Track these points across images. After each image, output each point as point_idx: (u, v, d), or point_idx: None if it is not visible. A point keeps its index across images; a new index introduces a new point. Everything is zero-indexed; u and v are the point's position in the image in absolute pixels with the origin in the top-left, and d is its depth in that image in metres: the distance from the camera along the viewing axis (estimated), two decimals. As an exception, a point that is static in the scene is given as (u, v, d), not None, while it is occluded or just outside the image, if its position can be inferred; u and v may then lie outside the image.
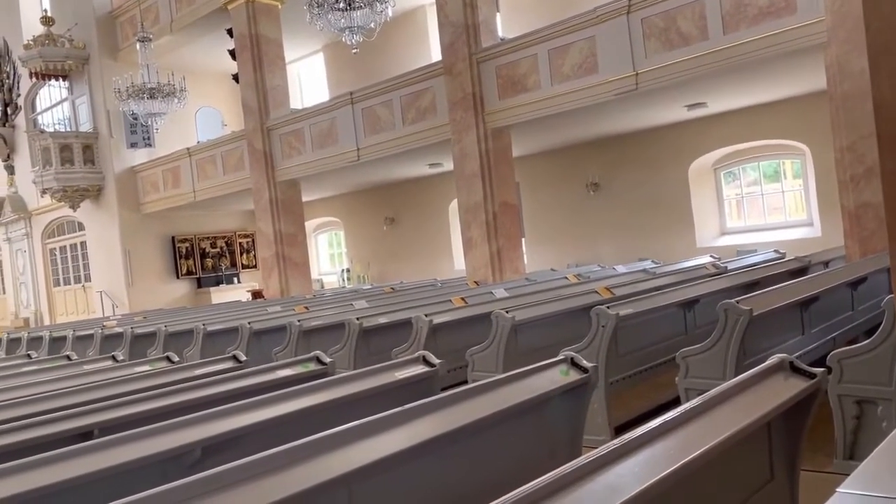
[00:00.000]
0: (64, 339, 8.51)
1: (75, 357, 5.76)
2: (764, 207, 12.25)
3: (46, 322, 18.69)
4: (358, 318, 6.15)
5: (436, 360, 3.47)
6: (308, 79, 18.26)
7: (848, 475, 1.35)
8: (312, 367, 3.92)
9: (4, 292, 21.68)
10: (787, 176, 12.15)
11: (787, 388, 2.38)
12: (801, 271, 6.68)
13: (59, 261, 19.44)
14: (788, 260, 7.55)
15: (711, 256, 9.71)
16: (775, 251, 9.34)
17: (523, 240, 12.59)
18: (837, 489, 1.25)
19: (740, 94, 10.07)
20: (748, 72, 8.51)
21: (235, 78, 14.72)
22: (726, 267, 7.97)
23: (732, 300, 4.11)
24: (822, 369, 2.48)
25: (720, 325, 4.05)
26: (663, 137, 12.26)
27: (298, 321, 6.64)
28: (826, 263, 7.29)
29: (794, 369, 2.48)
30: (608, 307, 4.66)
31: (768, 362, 2.52)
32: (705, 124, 11.68)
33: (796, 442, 2.50)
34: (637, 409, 4.97)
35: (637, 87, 8.78)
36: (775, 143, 11.54)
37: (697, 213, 12.32)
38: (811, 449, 3.39)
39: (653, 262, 10.38)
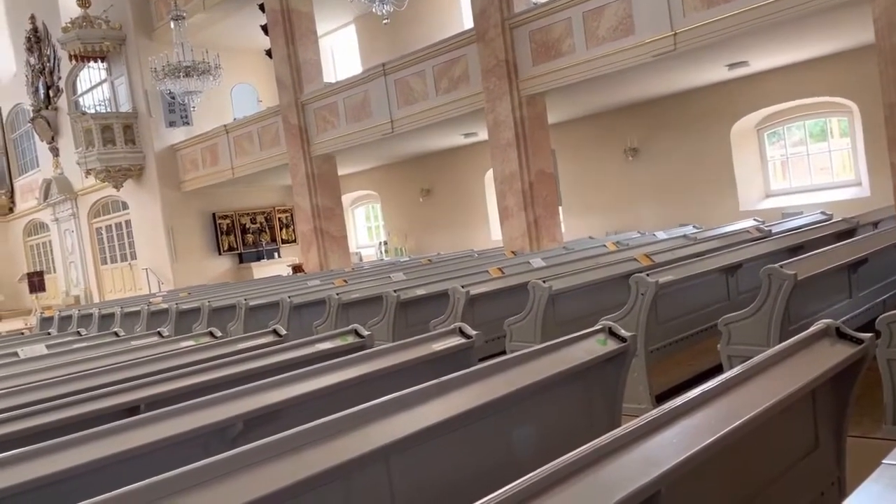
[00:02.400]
0: (112, 315, 8.75)
1: (123, 333, 5.92)
2: (810, 168, 11.89)
3: (96, 299, 19.25)
4: (396, 291, 6.18)
5: (472, 332, 3.47)
6: (340, 52, 18.22)
7: (896, 443, 1.30)
8: (351, 339, 3.95)
9: (55, 271, 22.37)
10: (833, 135, 11.75)
11: (833, 355, 2.32)
12: (848, 233, 6.48)
13: (105, 239, 19.94)
14: (835, 221, 7.33)
15: (755, 220, 9.47)
16: (822, 213, 9.08)
17: (560, 208, 12.46)
18: (883, 461, 1.21)
19: (784, 50, 9.73)
20: (792, 27, 8.20)
21: (269, 53, 14.76)
22: (770, 230, 7.78)
23: (776, 264, 4.01)
24: (869, 335, 2.40)
25: (763, 290, 3.96)
26: (704, 99, 11.95)
27: (337, 294, 6.71)
28: (875, 224, 7.06)
29: (841, 335, 2.41)
30: (647, 275, 4.59)
31: (813, 328, 2.45)
32: (747, 84, 11.33)
33: (843, 410, 2.44)
34: (678, 376, 4.92)
35: (675, 47, 8.54)
36: (821, 101, 11.16)
37: (740, 175, 12.02)
38: (859, 413, 3.32)
39: (694, 227, 10.18)
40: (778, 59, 10.35)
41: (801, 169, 12.00)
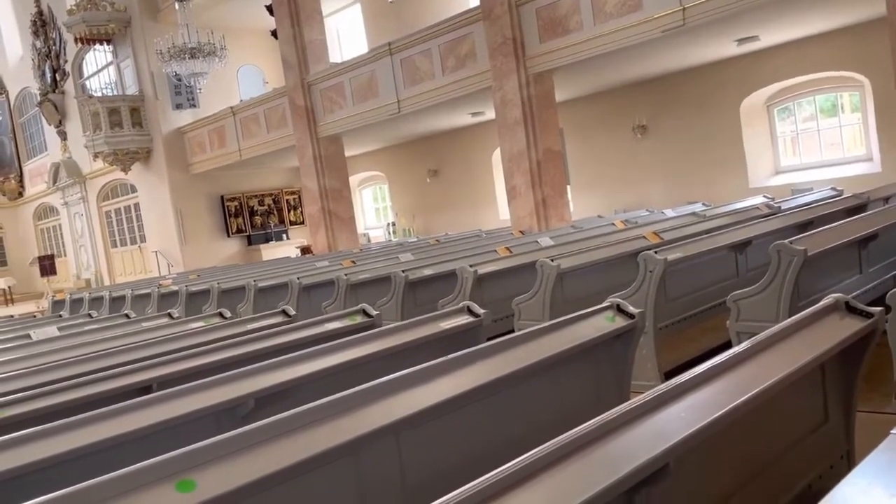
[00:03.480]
0: (123, 298, 8.81)
1: (134, 315, 5.97)
2: (820, 143, 11.77)
3: (106, 282, 19.38)
4: (404, 271, 6.19)
5: (480, 311, 3.47)
6: (346, 32, 18.10)
7: (905, 416, 1.30)
8: (360, 319, 3.97)
9: (65, 255, 22.51)
10: (844, 110, 11.62)
11: (843, 329, 2.31)
12: (859, 208, 6.42)
13: (114, 223, 20.03)
14: (846, 197, 7.26)
15: (765, 196, 9.41)
16: (832, 188, 9.00)
17: (568, 187, 12.41)
18: (892, 431, 1.21)
19: (794, 24, 9.60)
20: (803, 0, 8.08)
21: (274, 34, 14.68)
22: (780, 207, 7.73)
23: (785, 240, 3.99)
24: (879, 308, 2.39)
25: (773, 266, 3.95)
26: (713, 75, 11.83)
27: (346, 275, 6.72)
28: (886, 199, 7.00)
29: (850, 309, 2.40)
30: (656, 252, 4.58)
31: (822, 302, 2.44)
32: (757, 59, 11.21)
33: (852, 383, 2.44)
34: (687, 353, 4.91)
35: (684, 22, 8.44)
36: (832, 76, 11.03)
37: (750, 152, 11.92)
38: (869, 389, 3.31)
39: (703, 204, 10.13)
40: (788, 34, 10.21)
41: (811, 145, 11.89)
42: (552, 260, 5.09)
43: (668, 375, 4.36)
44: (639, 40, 8.97)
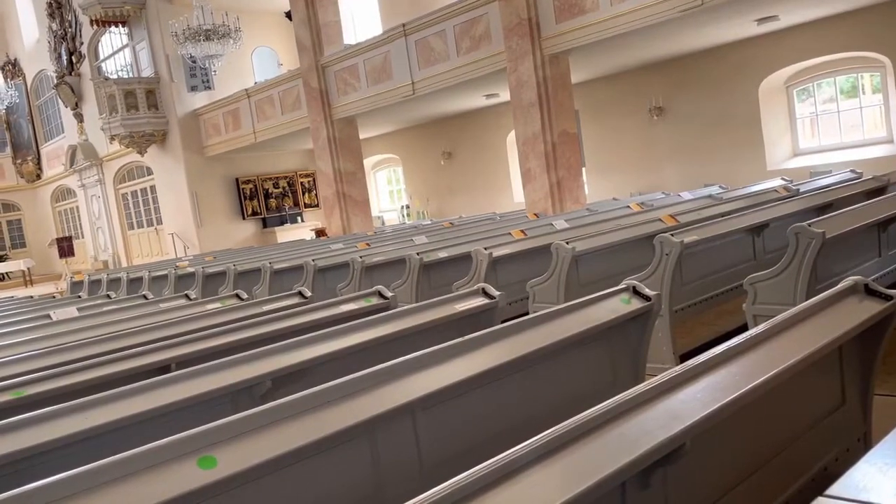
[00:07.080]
0: (140, 279, 8.90)
1: (151, 296, 6.03)
2: (840, 125, 11.61)
3: (123, 264, 19.56)
4: (418, 253, 6.19)
5: (495, 292, 3.47)
6: (361, 13, 18.01)
7: (925, 399, 1.30)
8: (375, 301, 3.98)
9: (83, 237, 22.71)
10: (865, 91, 11.44)
11: (861, 311, 2.29)
12: (878, 191, 6.35)
13: (131, 205, 20.18)
14: (865, 179, 7.18)
15: (783, 179, 9.31)
16: (852, 171, 8.89)
17: (584, 169, 12.34)
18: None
19: (814, 4, 9.43)
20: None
21: (289, 15, 14.63)
22: (798, 189, 7.65)
23: (804, 223, 3.96)
24: (899, 291, 2.37)
25: (791, 249, 3.91)
26: (732, 55, 11.67)
27: (361, 257, 6.74)
28: (906, 182, 6.90)
29: (869, 291, 2.38)
30: (672, 235, 4.55)
31: (841, 285, 2.42)
32: (777, 39, 11.04)
33: (870, 366, 2.42)
34: (703, 337, 4.90)
35: (703, 2, 8.31)
36: (853, 56, 10.85)
37: (768, 134, 11.79)
38: (886, 372, 3.30)
39: (720, 187, 10.04)
40: (809, 13, 10.05)
41: (830, 127, 11.73)
42: (567, 243, 5.07)
43: (684, 358, 4.35)
44: (656, 20, 8.85)
